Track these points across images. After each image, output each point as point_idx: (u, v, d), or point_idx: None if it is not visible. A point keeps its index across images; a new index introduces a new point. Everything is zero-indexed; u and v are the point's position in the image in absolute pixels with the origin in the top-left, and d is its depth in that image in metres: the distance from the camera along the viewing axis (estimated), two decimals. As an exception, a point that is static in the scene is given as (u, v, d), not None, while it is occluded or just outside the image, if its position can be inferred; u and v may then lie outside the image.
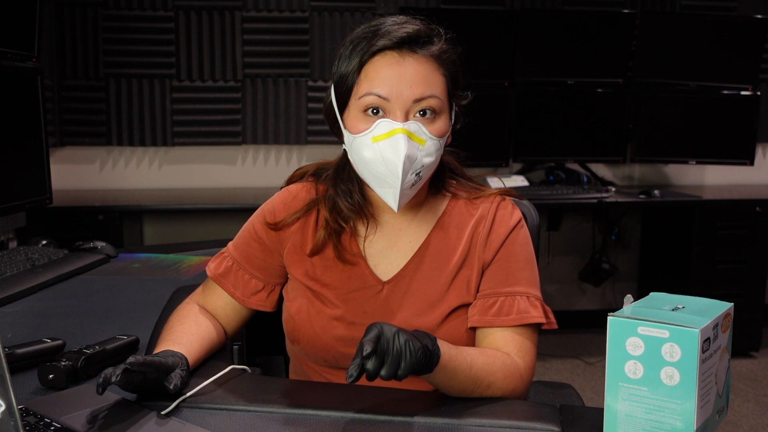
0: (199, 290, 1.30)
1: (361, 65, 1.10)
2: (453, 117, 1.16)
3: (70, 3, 3.52)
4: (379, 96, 1.08)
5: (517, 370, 1.09)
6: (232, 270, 1.24)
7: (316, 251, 1.19)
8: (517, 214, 1.21)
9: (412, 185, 1.09)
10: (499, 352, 1.11)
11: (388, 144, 1.07)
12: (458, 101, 1.17)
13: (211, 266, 1.27)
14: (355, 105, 1.11)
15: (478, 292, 1.17)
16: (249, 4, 3.62)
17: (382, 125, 1.08)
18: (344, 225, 1.18)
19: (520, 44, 3.62)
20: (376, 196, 1.17)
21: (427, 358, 0.94)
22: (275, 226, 1.22)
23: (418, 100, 1.08)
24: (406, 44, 1.09)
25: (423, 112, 1.09)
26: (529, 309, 1.13)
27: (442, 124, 1.11)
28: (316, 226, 1.21)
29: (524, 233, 1.21)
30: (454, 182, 1.25)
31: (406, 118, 1.08)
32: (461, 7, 3.68)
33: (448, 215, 1.21)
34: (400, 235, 1.19)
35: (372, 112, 1.09)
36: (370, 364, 0.89)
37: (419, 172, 1.09)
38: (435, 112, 1.10)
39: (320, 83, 3.70)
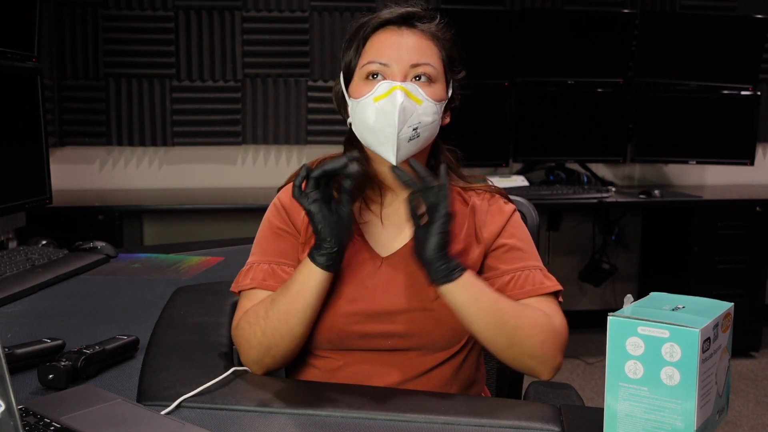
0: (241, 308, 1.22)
1: (365, 40, 1.19)
2: (450, 92, 1.22)
3: (70, 3, 3.52)
4: (380, 63, 1.16)
5: (549, 322, 1.14)
6: (275, 271, 1.20)
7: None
8: (511, 206, 1.28)
9: (410, 139, 1.14)
10: (532, 307, 1.16)
11: (387, 100, 1.13)
12: (454, 77, 1.24)
13: (245, 281, 1.21)
14: (358, 74, 1.19)
15: (480, 273, 1.21)
16: (249, 4, 3.62)
17: (383, 86, 1.15)
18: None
19: (520, 44, 3.62)
20: (377, 173, 1.22)
21: (445, 258, 1.08)
22: (288, 213, 1.24)
23: (414, 65, 1.16)
24: (405, 20, 1.19)
25: (419, 77, 1.17)
26: (544, 280, 1.19)
27: (437, 90, 1.18)
28: None
29: (519, 218, 1.28)
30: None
31: (404, 80, 1.16)
32: (461, 7, 3.67)
33: None
34: (398, 215, 1.23)
35: (372, 77, 1.17)
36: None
37: (416, 128, 1.14)
38: (431, 79, 1.17)
39: (320, 83, 3.70)
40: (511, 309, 1.13)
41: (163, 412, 0.98)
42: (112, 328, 1.35)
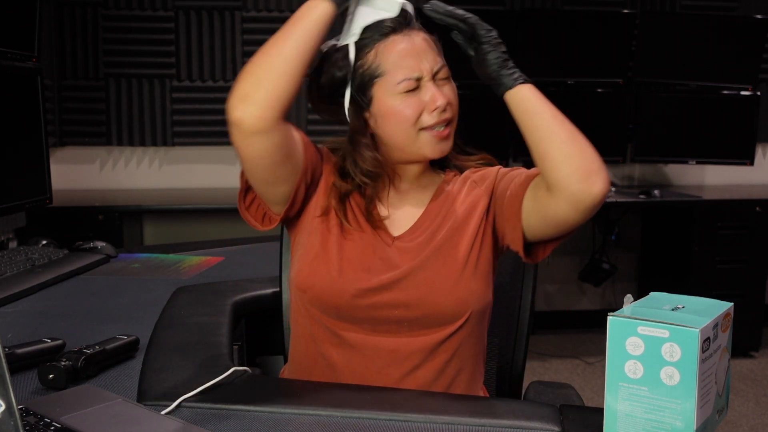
0: None
1: (377, 52, 1.21)
2: None
3: (70, 3, 3.52)
4: (414, 79, 1.20)
5: None
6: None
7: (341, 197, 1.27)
8: (497, 165, 1.38)
9: None
10: None
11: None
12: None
13: None
14: (390, 91, 1.21)
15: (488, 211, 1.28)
16: (249, 4, 3.62)
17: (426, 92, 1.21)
18: (367, 181, 1.26)
19: (519, 44, 3.62)
20: (388, 159, 1.26)
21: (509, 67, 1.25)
22: (324, 158, 1.33)
23: (437, 71, 1.22)
24: (404, 25, 1.23)
25: (445, 78, 1.24)
26: None
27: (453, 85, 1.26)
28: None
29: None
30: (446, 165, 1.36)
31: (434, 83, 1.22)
32: (461, 7, 3.67)
33: (445, 185, 1.32)
34: (407, 198, 1.29)
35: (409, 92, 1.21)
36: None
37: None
38: (448, 77, 1.25)
39: (320, 83, 3.70)
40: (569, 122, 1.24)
41: (163, 412, 0.98)
42: (112, 328, 1.35)
